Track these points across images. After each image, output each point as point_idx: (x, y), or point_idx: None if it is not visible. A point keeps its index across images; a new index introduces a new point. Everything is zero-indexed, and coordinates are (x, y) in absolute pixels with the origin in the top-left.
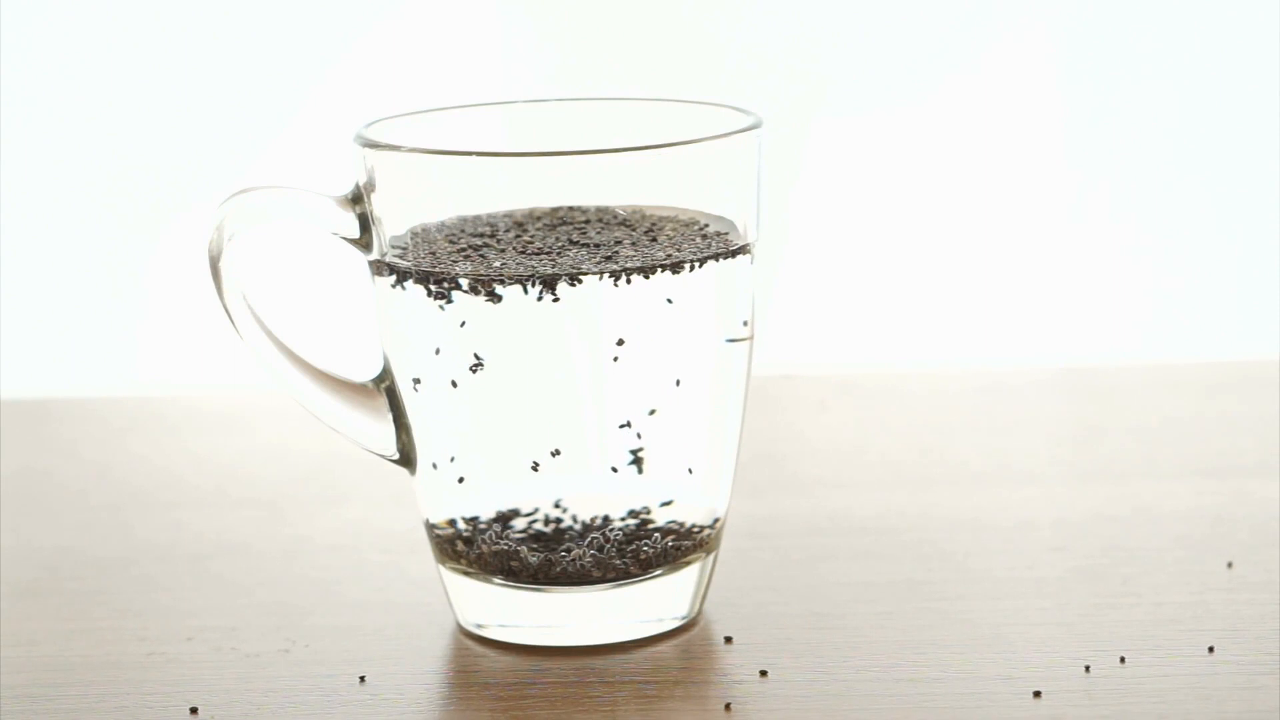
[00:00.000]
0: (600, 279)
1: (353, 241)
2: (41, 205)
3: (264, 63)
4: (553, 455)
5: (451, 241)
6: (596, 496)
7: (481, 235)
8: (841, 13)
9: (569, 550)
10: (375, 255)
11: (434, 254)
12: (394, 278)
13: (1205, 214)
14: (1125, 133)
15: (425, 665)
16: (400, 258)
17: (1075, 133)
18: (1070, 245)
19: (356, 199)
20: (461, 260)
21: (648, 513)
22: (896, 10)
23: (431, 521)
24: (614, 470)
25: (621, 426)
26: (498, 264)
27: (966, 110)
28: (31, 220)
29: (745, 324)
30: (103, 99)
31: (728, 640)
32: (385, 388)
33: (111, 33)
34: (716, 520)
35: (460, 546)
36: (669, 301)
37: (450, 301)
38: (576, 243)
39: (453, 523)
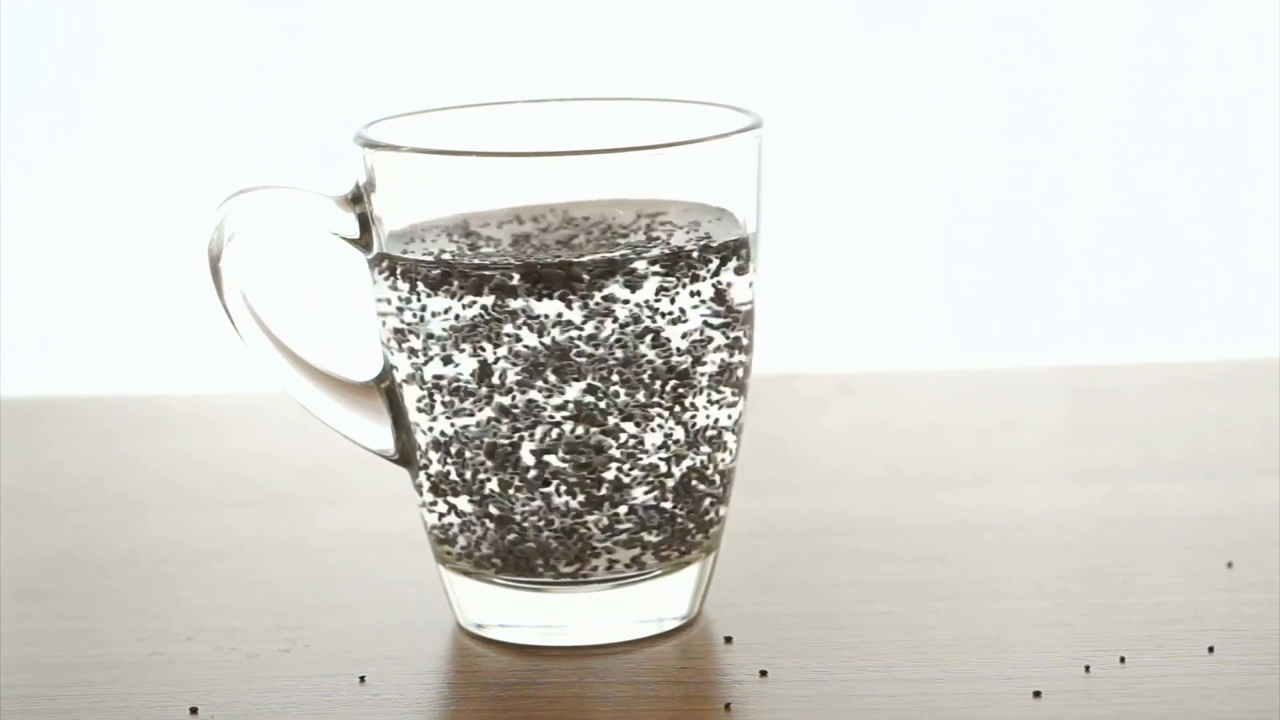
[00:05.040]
0: (603, 276)
1: (353, 241)
2: (41, 205)
3: (264, 63)
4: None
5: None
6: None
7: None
8: (843, 12)
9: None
10: (375, 255)
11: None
12: (396, 273)
13: (1204, 214)
14: (1125, 132)
15: (425, 665)
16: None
17: (1075, 132)
18: (1070, 245)
19: (356, 199)
20: (467, 252)
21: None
22: (898, 10)
23: (431, 520)
24: (618, 469)
25: (625, 424)
26: (499, 258)
27: (967, 110)
28: (31, 220)
29: (744, 324)
30: (102, 98)
31: (728, 640)
32: (385, 388)
33: (112, 33)
34: (718, 518)
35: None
36: (672, 300)
37: (452, 294)
38: (578, 240)
39: (451, 510)
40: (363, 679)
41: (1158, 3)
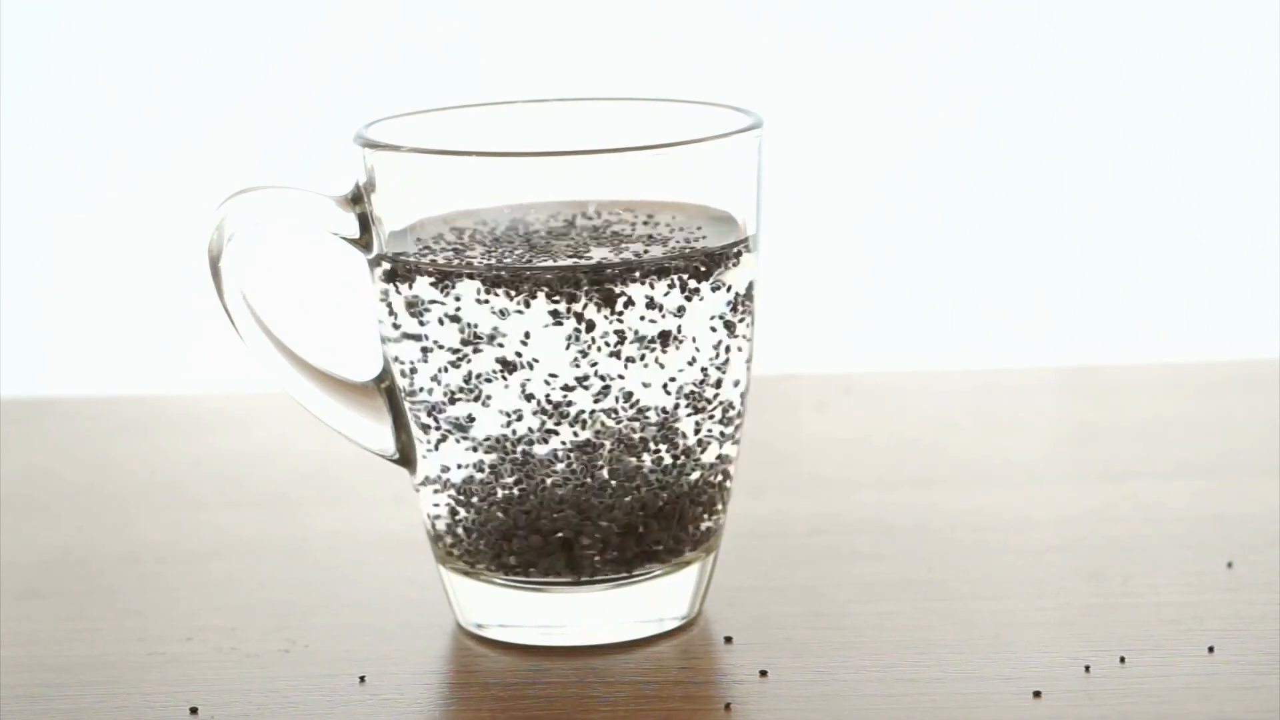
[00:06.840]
0: (603, 278)
1: (353, 241)
2: (41, 205)
3: (264, 63)
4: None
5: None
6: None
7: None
8: (843, 12)
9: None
10: (375, 255)
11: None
12: (401, 276)
13: (1204, 214)
14: (1125, 132)
15: (425, 665)
16: (414, 254)
17: (1074, 133)
18: (1070, 245)
19: (356, 199)
20: (475, 254)
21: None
22: (897, 11)
23: (431, 521)
24: (616, 468)
25: (625, 422)
26: (506, 258)
27: (967, 111)
28: (31, 220)
29: (744, 319)
30: (102, 98)
31: (728, 640)
32: (385, 388)
33: (112, 32)
34: (717, 518)
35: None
36: (673, 301)
37: (449, 291)
38: (576, 242)
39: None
40: (363, 679)
41: (1158, 3)
